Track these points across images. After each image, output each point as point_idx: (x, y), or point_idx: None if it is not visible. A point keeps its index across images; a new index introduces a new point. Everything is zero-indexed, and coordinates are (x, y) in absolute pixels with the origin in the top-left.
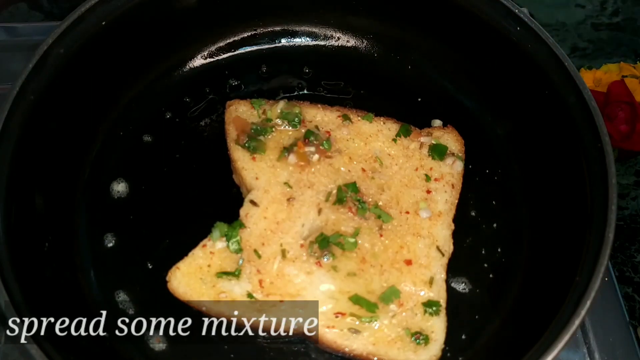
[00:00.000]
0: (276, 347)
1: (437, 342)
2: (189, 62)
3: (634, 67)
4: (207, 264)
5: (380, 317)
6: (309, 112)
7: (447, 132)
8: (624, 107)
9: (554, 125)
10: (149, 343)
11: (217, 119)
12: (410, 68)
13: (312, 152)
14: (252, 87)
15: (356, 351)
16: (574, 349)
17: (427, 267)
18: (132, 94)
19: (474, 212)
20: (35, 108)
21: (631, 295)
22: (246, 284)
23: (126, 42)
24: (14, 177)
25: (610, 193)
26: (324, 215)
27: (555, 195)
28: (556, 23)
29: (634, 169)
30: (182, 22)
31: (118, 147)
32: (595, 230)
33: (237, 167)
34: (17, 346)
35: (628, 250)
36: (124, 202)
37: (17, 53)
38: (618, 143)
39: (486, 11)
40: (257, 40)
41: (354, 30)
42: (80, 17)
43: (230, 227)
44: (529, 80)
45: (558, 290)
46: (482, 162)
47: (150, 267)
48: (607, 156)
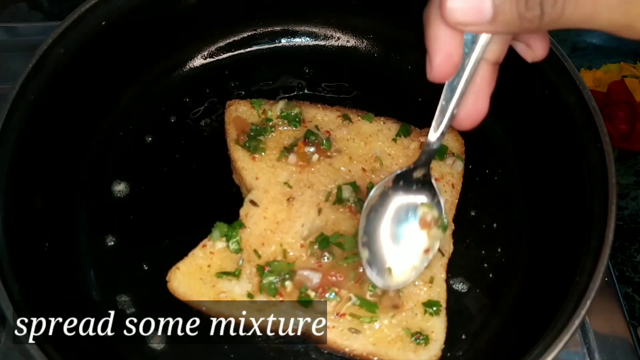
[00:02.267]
0: (276, 347)
1: (437, 342)
2: (189, 62)
3: (634, 67)
4: (207, 264)
5: (380, 317)
6: (309, 112)
7: (447, 132)
8: (624, 107)
9: (554, 125)
10: (149, 343)
11: (217, 119)
12: (410, 68)
13: (312, 152)
14: (252, 87)
15: (356, 351)
16: (574, 349)
17: (427, 267)
18: (132, 94)
19: (474, 212)
20: (35, 108)
21: (631, 295)
22: (246, 284)
23: (126, 42)
24: (14, 177)
25: (610, 193)
26: (324, 215)
27: (555, 195)
28: None
29: (634, 169)
30: (182, 22)
31: (118, 147)
32: (595, 230)
33: (237, 167)
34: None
35: (628, 250)
36: (124, 202)
37: (17, 53)
38: (618, 143)
39: None
40: (257, 40)
41: (354, 30)
42: (80, 17)
43: (230, 227)
44: (529, 80)
45: (558, 290)
46: (482, 162)
47: (150, 267)
48: (607, 156)
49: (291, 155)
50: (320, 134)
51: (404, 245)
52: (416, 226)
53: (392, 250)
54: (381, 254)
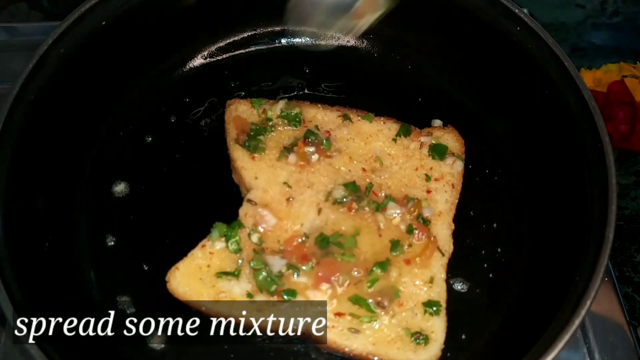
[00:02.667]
0: (276, 347)
1: (437, 342)
2: (189, 62)
3: (634, 67)
4: (207, 264)
5: (380, 317)
6: (309, 112)
7: (447, 132)
8: (624, 107)
9: (554, 125)
10: (149, 343)
11: (217, 119)
12: (410, 68)
13: (312, 151)
14: (252, 87)
15: (356, 351)
16: (574, 349)
17: (427, 267)
18: (132, 94)
19: (474, 212)
20: (35, 108)
21: (631, 295)
22: (246, 284)
23: (126, 42)
24: (14, 177)
25: (610, 193)
26: (323, 215)
27: (555, 195)
28: (556, 23)
29: (634, 169)
30: (182, 22)
31: (118, 147)
32: (595, 230)
33: (236, 166)
34: (17, 346)
35: (628, 250)
36: (124, 202)
37: (17, 53)
38: (618, 143)
39: (486, 11)
40: (257, 40)
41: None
42: (80, 17)
43: (229, 228)
44: (529, 80)
45: (558, 290)
46: (482, 162)
47: (150, 267)
48: (607, 156)
49: (291, 155)
50: (320, 133)
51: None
52: None
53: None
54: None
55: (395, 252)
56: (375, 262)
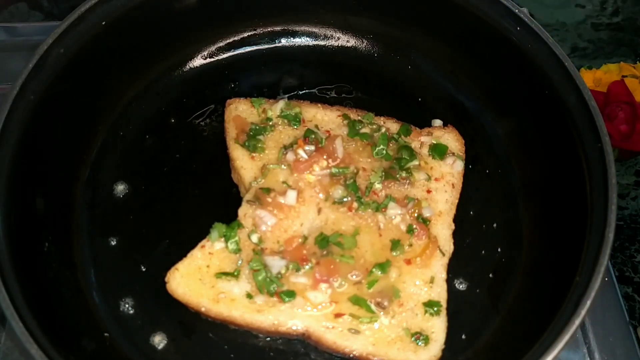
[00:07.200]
0: (276, 347)
1: (437, 342)
2: (189, 62)
3: (634, 67)
4: (206, 265)
5: (380, 318)
6: (309, 111)
7: (448, 132)
8: (624, 107)
9: (554, 125)
10: (149, 343)
11: (217, 119)
12: (410, 68)
13: (312, 151)
14: (252, 87)
15: (356, 351)
16: (574, 349)
17: (428, 267)
18: (132, 94)
19: (474, 212)
20: (35, 108)
21: (631, 295)
22: (245, 284)
23: (126, 42)
24: (14, 177)
25: (610, 193)
26: (323, 215)
27: (555, 195)
28: (556, 23)
29: (634, 169)
30: (182, 22)
31: (118, 147)
32: (595, 230)
33: (235, 165)
34: (17, 346)
35: (628, 250)
36: (124, 202)
37: (17, 53)
38: (618, 143)
39: (486, 11)
40: (257, 40)
41: (354, 30)
42: (80, 17)
43: (228, 228)
44: (529, 80)
45: (558, 290)
46: (482, 162)
47: (150, 267)
48: (607, 156)
49: (290, 155)
50: (320, 133)
51: None
52: None
53: None
54: None
55: (396, 252)
56: (376, 263)
